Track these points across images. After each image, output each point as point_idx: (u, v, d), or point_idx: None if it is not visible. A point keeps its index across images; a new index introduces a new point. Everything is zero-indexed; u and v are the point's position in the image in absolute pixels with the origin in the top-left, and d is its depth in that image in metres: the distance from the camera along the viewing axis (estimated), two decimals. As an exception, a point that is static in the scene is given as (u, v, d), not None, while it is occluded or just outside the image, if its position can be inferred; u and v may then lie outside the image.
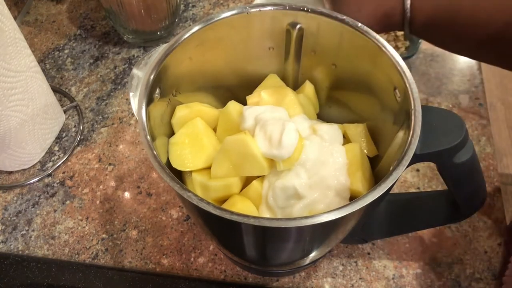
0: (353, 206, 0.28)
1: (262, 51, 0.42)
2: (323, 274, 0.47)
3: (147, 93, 0.34)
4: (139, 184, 0.54)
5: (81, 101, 0.62)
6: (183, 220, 0.51)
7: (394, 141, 0.35)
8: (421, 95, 0.60)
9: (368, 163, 0.39)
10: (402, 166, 0.30)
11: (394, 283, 0.46)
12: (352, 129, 0.41)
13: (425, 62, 0.63)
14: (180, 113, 0.40)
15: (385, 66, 0.35)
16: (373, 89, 0.39)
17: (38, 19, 0.73)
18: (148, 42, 0.68)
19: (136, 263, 0.49)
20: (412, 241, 0.49)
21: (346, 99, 0.43)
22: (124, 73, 0.65)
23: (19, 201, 0.54)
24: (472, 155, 0.34)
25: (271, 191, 0.36)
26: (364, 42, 0.36)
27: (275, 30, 0.40)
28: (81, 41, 0.69)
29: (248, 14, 0.38)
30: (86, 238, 0.51)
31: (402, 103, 0.34)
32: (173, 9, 0.65)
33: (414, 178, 0.53)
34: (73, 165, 0.56)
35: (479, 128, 0.56)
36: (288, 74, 0.44)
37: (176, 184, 0.30)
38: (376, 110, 0.39)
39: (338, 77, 0.42)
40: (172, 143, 0.39)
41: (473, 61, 0.63)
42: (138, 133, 0.59)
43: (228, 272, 0.48)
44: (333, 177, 0.36)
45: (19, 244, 0.51)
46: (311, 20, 0.39)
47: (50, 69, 0.66)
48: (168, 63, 0.37)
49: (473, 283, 0.46)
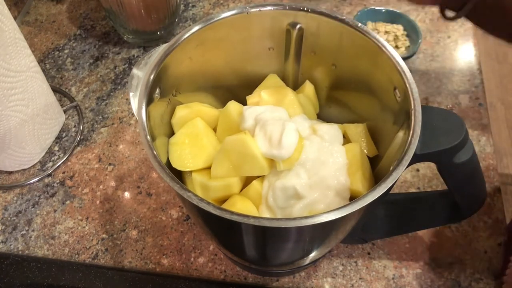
0: (353, 206, 0.28)
1: (262, 51, 0.42)
2: (323, 274, 0.47)
3: (147, 93, 0.34)
4: (139, 184, 0.54)
5: (81, 101, 0.62)
6: (183, 220, 0.51)
7: (394, 141, 0.35)
8: (421, 95, 0.60)
9: (368, 163, 0.39)
10: (402, 166, 0.30)
11: (394, 283, 0.46)
12: (352, 129, 0.41)
13: (425, 62, 0.63)
14: (180, 113, 0.40)
15: (385, 66, 0.35)
16: (373, 89, 0.39)
17: (38, 19, 0.73)
18: (148, 42, 0.68)
19: (136, 263, 0.49)
20: (412, 241, 0.49)
21: (346, 99, 0.43)
22: (124, 73, 0.65)
23: (19, 201, 0.54)
24: (472, 155, 0.34)
25: (271, 191, 0.36)
26: (364, 42, 0.36)
27: (275, 30, 0.40)
28: (81, 41, 0.69)
29: (248, 14, 0.38)
30: (86, 238, 0.51)
31: (402, 103, 0.34)
32: (173, 9, 0.65)
33: (414, 178, 0.53)
34: (73, 165, 0.56)
35: (479, 128, 0.56)
36: (288, 74, 0.44)
37: (176, 184, 0.30)
38: (376, 110, 0.39)
39: (338, 77, 0.42)
40: (172, 143, 0.39)
41: (473, 61, 0.63)
42: (138, 133, 0.59)
43: (228, 272, 0.48)
44: (333, 177, 0.36)
45: (19, 244, 0.51)
46: (311, 20, 0.39)
47: (50, 69, 0.66)
48: (168, 63, 0.37)
49: (473, 283, 0.46)
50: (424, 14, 0.68)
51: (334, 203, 0.36)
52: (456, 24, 0.67)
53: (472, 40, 0.65)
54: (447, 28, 0.66)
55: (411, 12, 0.69)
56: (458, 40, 0.65)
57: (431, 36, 0.66)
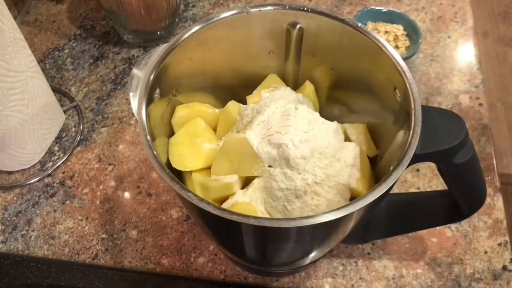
0: (353, 206, 0.28)
1: (262, 52, 0.42)
2: (323, 274, 0.47)
3: (147, 93, 0.34)
4: (139, 184, 0.54)
5: (81, 101, 0.62)
6: (183, 220, 0.51)
7: (394, 141, 0.35)
8: (421, 95, 0.60)
9: (368, 163, 0.39)
10: (402, 166, 0.30)
11: (394, 283, 0.46)
12: (352, 129, 0.41)
13: (425, 62, 0.63)
14: (180, 113, 0.40)
15: (385, 66, 0.35)
16: (373, 89, 0.39)
17: (38, 19, 0.73)
18: (148, 42, 0.68)
19: (136, 263, 0.49)
20: (412, 241, 0.49)
21: (346, 99, 0.43)
22: (124, 73, 0.65)
23: (19, 201, 0.54)
24: (472, 155, 0.34)
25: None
26: (364, 42, 0.36)
27: (275, 30, 0.40)
28: (81, 41, 0.69)
29: (248, 14, 0.38)
30: (86, 238, 0.51)
31: (402, 103, 0.34)
32: (173, 9, 0.65)
33: (414, 178, 0.53)
34: (73, 165, 0.56)
35: (479, 128, 0.56)
36: (288, 74, 0.44)
37: (176, 184, 0.30)
38: (376, 110, 0.39)
39: (338, 77, 0.42)
40: (172, 143, 0.39)
41: (473, 61, 0.63)
42: (138, 133, 0.59)
43: (228, 272, 0.48)
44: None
45: (19, 244, 0.51)
46: (311, 20, 0.39)
47: (50, 69, 0.66)
48: (168, 63, 0.37)
49: (473, 283, 0.46)
50: (424, 14, 0.68)
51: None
52: (456, 24, 0.67)
53: (472, 40, 0.65)
54: (447, 28, 0.66)
55: (411, 12, 0.69)
56: (458, 40, 0.65)
57: (431, 36, 0.66)
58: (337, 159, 0.37)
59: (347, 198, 0.36)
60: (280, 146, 0.34)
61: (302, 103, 0.40)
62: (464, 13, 0.68)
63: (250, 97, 0.42)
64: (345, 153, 0.37)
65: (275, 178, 0.36)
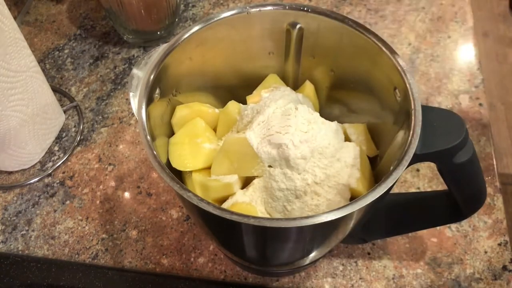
0: (353, 206, 0.28)
1: (262, 52, 0.42)
2: (323, 274, 0.47)
3: (147, 93, 0.34)
4: (139, 184, 0.54)
5: (81, 101, 0.62)
6: (183, 220, 0.51)
7: (394, 141, 0.35)
8: (421, 95, 0.60)
9: (368, 163, 0.39)
10: (402, 166, 0.30)
11: (394, 283, 0.46)
12: (352, 129, 0.41)
13: (425, 62, 0.63)
14: (180, 113, 0.40)
15: (385, 66, 0.35)
16: (373, 89, 0.39)
17: (38, 19, 0.73)
18: (148, 42, 0.68)
19: (136, 263, 0.49)
20: (412, 241, 0.49)
21: (346, 99, 0.43)
22: (124, 73, 0.65)
23: (19, 201, 0.54)
24: (472, 155, 0.34)
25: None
26: (364, 42, 0.36)
27: (275, 30, 0.40)
28: (81, 41, 0.69)
29: (248, 14, 0.38)
30: (86, 238, 0.51)
31: (402, 103, 0.34)
32: (173, 9, 0.65)
33: (414, 178, 0.53)
34: (73, 165, 0.56)
35: (479, 128, 0.56)
36: (288, 74, 0.44)
37: (176, 184, 0.30)
38: (376, 110, 0.39)
39: (338, 77, 0.42)
40: (172, 143, 0.39)
41: (473, 61, 0.63)
42: (138, 133, 0.59)
43: (228, 272, 0.48)
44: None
45: (19, 244, 0.51)
46: (311, 20, 0.39)
47: (50, 69, 0.66)
48: (168, 63, 0.37)
49: (473, 283, 0.46)
50: (424, 14, 0.68)
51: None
52: (456, 24, 0.67)
53: (472, 40, 0.65)
54: (447, 28, 0.66)
55: (411, 12, 0.69)
56: (458, 40, 0.65)
57: (431, 36, 0.66)
58: (337, 159, 0.37)
59: (347, 198, 0.36)
60: (280, 146, 0.34)
61: (302, 103, 0.40)
62: (464, 13, 0.68)
63: (250, 97, 0.42)
64: (345, 153, 0.37)
65: (275, 178, 0.36)
